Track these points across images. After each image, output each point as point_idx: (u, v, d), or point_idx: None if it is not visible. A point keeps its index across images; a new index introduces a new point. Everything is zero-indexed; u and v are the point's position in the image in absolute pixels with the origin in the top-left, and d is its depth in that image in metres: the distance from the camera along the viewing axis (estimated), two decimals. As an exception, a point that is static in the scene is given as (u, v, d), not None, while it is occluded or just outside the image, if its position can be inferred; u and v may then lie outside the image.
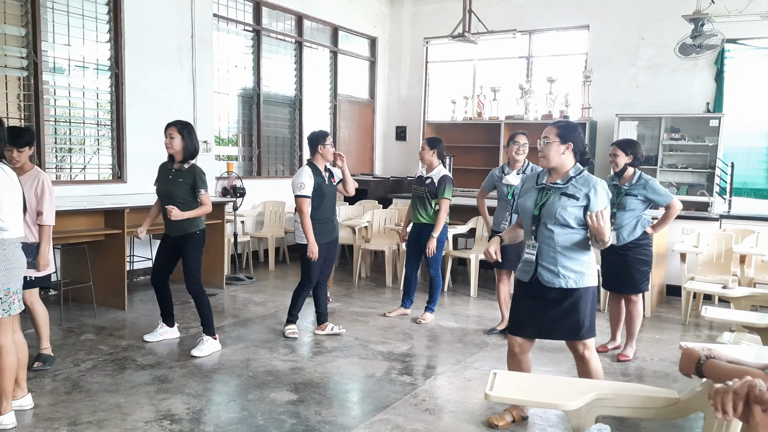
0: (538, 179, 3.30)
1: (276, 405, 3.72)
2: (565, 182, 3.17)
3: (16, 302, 3.22)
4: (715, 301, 6.06)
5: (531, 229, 3.22)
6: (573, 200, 3.12)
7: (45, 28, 6.03)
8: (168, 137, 4.50)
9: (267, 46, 8.61)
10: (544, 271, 3.18)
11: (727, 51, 8.26)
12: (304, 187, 4.80)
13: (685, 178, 8.47)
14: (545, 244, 3.17)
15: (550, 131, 3.20)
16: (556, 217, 3.12)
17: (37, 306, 4.13)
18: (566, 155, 3.18)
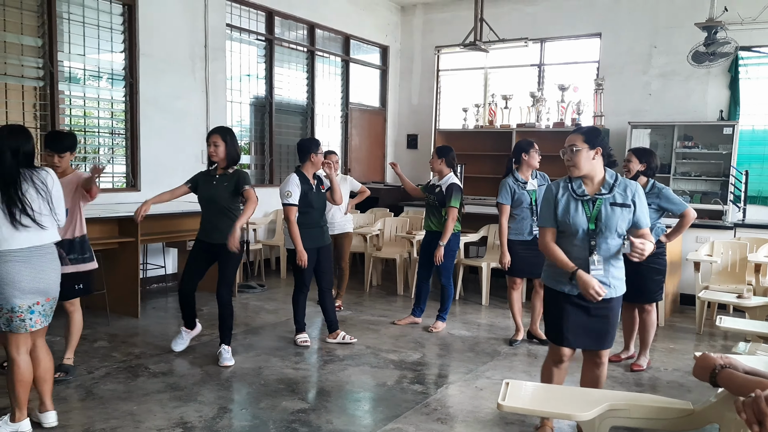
0: (573, 189, 3.12)
1: (287, 413, 3.72)
2: (609, 191, 3.08)
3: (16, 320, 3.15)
4: (730, 311, 5.99)
5: (589, 244, 3.06)
6: (626, 209, 3.06)
7: (61, 39, 6.11)
8: (212, 145, 4.43)
9: (279, 55, 8.67)
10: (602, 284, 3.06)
11: (741, 58, 8.21)
12: (290, 195, 4.85)
13: (699, 186, 8.41)
14: (603, 257, 3.08)
15: (575, 138, 3.10)
16: (616, 230, 3.05)
17: (77, 315, 4.18)
18: (596, 161, 3.09)
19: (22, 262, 3.10)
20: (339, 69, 9.90)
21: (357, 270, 8.26)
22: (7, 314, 3.12)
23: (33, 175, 3.19)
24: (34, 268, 3.14)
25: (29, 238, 3.13)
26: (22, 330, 3.16)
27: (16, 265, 3.08)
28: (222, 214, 4.45)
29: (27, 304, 3.13)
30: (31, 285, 3.13)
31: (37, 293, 3.16)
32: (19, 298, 3.10)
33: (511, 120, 9.53)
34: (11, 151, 3.14)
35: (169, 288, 7.08)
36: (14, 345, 3.19)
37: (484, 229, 7.16)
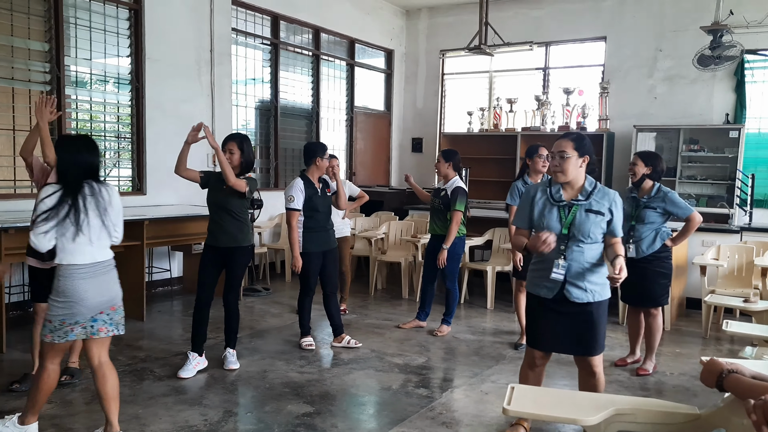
0: (551, 194, 3.16)
1: (292, 417, 3.72)
2: (586, 198, 3.12)
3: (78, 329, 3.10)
4: (736, 315, 5.96)
5: (558, 249, 3.09)
6: (600, 216, 3.10)
7: (68, 44, 6.14)
8: (228, 152, 4.39)
9: (284, 59, 8.69)
10: (574, 288, 3.11)
11: (747, 62, 8.19)
12: (293, 200, 4.87)
13: (705, 189, 8.39)
14: (575, 261, 3.10)
15: (566, 145, 3.10)
16: (589, 236, 3.08)
17: None
18: (582, 168, 3.14)
19: (88, 277, 3.06)
20: (344, 73, 9.92)
21: (362, 273, 8.26)
22: (69, 327, 3.06)
23: (97, 189, 3.14)
24: (99, 284, 3.11)
25: (93, 253, 3.09)
26: (82, 336, 3.11)
27: (81, 281, 3.05)
28: (231, 218, 4.44)
29: (89, 315, 3.10)
30: (97, 299, 3.10)
31: (102, 305, 3.14)
32: (85, 314, 3.08)
33: (516, 123, 9.53)
34: (77, 163, 3.12)
35: (175, 291, 7.10)
36: (53, 354, 3.13)
37: (489, 232, 7.15)
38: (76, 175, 3.10)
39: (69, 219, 3.02)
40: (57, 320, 3.05)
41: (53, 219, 3.00)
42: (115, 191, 3.24)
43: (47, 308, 3.10)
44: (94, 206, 3.09)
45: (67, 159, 3.13)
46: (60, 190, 3.05)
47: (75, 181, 3.08)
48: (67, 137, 3.31)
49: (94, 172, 3.18)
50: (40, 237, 3.00)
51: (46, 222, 2.99)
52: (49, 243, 3.02)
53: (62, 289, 3.04)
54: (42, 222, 2.99)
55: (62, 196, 3.04)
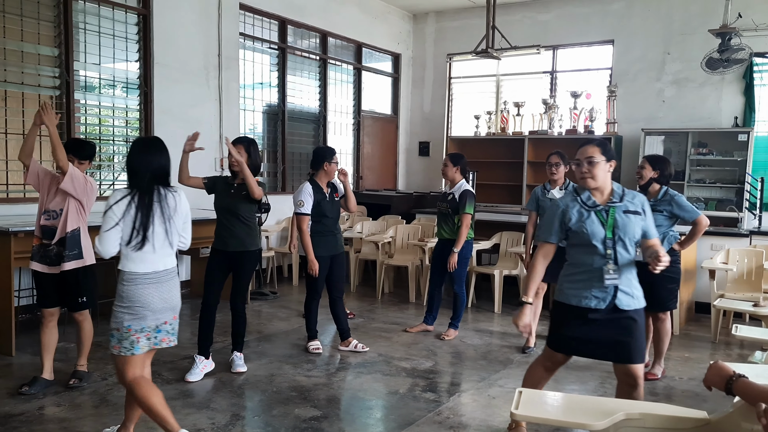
0: (583, 201, 3.07)
1: (300, 421, 3.72)
2: (619, 200, 3.05)
3: (143, 339, 3.01)
4: (746, 319, 5.93)
5: (605, 253, 2.99)
6: (638, 216, 3.03)
7: (77, 49, 6.18)
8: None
9: (292, 63, 8.72)
10: (624, 295, 3.01)
11: (756, 65, 8.15)
12: (303, 204, 4.88)
13: (714, 193, 8.34)
14: (624, 267, 3.01)
15: (593, 150, 3.04)
16: (634, 238, 3.01)
17: (86, 324, 4.22)
18: (609, 173, 3.08)
19: (151, 284, 3.01)
20: (351, 77, 9.94)
21: (369, 277, 8.26)
22: (134, 335, 2.99)
23: (164, 195, 3.08)
24: (162, 291, 3.05)
25: (155, 262, 3.04)
26: (146, 348, 3.03)
27: (146, 287, 2.99)
28: (239, 222, 4.43)
29: (154, 324, 3.03)
30: (161, 306, 3.04)
31: (165, 312, 3.08)
32: (149, 319, 3.01)
33: (524, 127, 9.52)
34: (147, 167, 3.05)
35: (182, 295, 7.09)
36: (132, 367, 3.04)
37: (496, 236, 7.14)
38: (146, 179, 3.03)
39: (135, 226, 2.97)
40: (123, 327, 2.97)
41: (120, 225, 2.94)
42: (182, 197, 3.18)
43: (112, 316, 3.01)
44: (159, 213, 3.03)
45: (137, 162, 3.05)
46: (129, 196, 2.99)
47: (145, 187, 3.02)
48: (139, 140, 3.20)
49: (164, 176, 3.11)
50: (106, 243, 2.93)
51: (115, 228, 2.93)
52: (114, 249, 2.96)
53: (126, 294, 2.98)
54: (110, 228, 2.93)
55: (131, 201, 2.98)
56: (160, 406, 3.04)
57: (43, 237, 4.06)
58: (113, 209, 2.95)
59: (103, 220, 2.95)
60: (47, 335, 4.14)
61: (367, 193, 9.59)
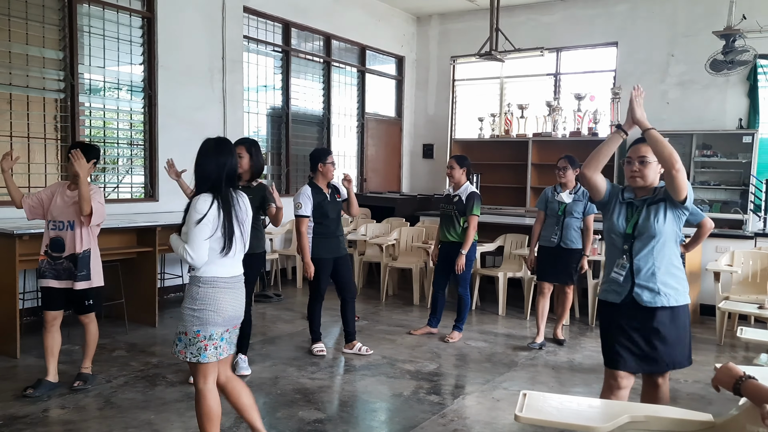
0: (623, 198, 3.04)
1: (304, 423, 3.72)
2: (652, 194, 2.97)
3: (210, 348, 2.90)
4: (751, 322, 5.91)
5: (623, 248, 2.96)
6: (661, 204, 2.93)
7: (81, 52, 6.21)
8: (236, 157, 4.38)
9: (296, 66, 8.74)
10: (645, 291, 2.91)
11: (760, 66, 8.13)
12: (301, 207, 4.89)
13: (718, 195, 8.32)
14: (642, 261, 2.92)
15: (646, 150, 2.97)
16: (657, 231, 2.90)
17: (92, 326, 4.21)
18: (658, 174, 3.01)
19: (229, 288, 2.94)
20: (355, 79, 9.95)
21: (373, 280, 8.26)
22: (203, 342, 2.89)
23: (235, 198, 2.99)
24: (234, 297, 2.98)
25: (234, 266, 2.98)
26: (212, 359, 2.92)
27: (223, 291, 2.91)
28: (255, 224, 4.32)
29: (221, 331, 2.93)
30: (231, 312, 2.96)
31: (232, 320, 2.99)
32: (219, 325, 2.92)
33: (528, 129, 9.51)
34: (222, 170, 2.93)
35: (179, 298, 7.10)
36: (203, 375, 2.94)
37: (500, 238, 7.13)
38: (223, 183, 2.93)
39: (220, 231, 2.88)
40: (191, 332, 2.88)
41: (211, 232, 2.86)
42: (246, 199, 3.11)
43: (181, 318, 2.94)
44: (236, 217, 2.95)
45: (212, 165, 2.93)
46: (215, 201, 2.88)
47: (225, 191, 2.93)
48: (209, 141, 3.03)
49: (234, 178, 3.01)
50: (201, 253, 2.83)
51: (208, 235, 2.84)
52: (206, 256, 2.86)
53: (200, 296, 2.88)
54: (207, 238, 2.84)
55: (218, 207, 2.88)
56: (209, 421, 2.97)
57: (52, 249, 4.02)
58: (208, 217, 2.84)
59: (195, 229, 2.82)
60: (51, 338, 4.13)
61: (371, 196, 9.59)
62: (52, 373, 4.14)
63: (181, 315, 2.94)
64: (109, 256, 5.54)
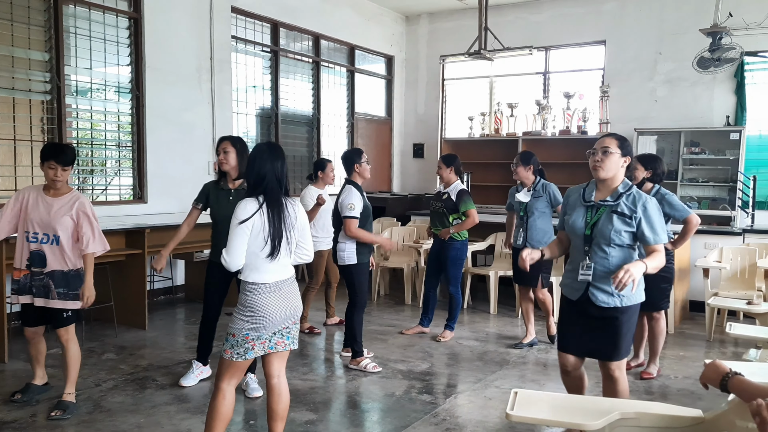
0: (585, 194, 3.15)
1: (296, 425, 3.70)
2: (615, 199, 3.05)
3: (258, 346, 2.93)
4: (740, 317, 5.95)
5: (583, 249, 3.09)
6: (626, 219, 3.01)
7: (68, 53, 6.16)
8: (222, 152, 4.12)
9: (285, 66, 8.71)
10: (599, 292, 3.06)
11: (747, 64, 8.19)
12: (354, 208, 4.66)
13: (707, 192, 8.37)
14: (600, 265, 3.05)
15: (610, 141, 3.06)
16: (610, 239, 3.02)
17: (72, 346, 3.84)
18: (622, 169, 3.09)
19: (275, 293, 2.93)
20: (344, 79, 9.94)
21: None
22: (251, 343, 2.91)
23: (284, 203, 2.97)
24: (284, 298, 2.96)
25: (278, 272, 2.95)
26: (260, 353, 2.95)
27: (270, 297, 2.91)
28: None
29: (273, 331, 2.95)
30: (282, 314, 2.95)
31: (287, 319, 2.99)
32: (269, 329, 2.93)
33: (517, 128, 9.53)
34: (274, 174, 2.92)
35: (177, 300, 7.09)
36: (230, 374, 2.96)
37: (491, 237, 7.15)
38: (274, 187, 2.92)
39: (263, 236, 2.88)
40: (241, 334, 2.89)
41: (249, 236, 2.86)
42: (300, 208, 3.08)
43: (231, 321, 2.93)
44: (284, 222, 2.94)
45: (265, 169, 2.92)
46: (259, 206, 2.89)
47: (275, 196, 2.92)
48: (262, 145, 3.01)
49: (283, 183, 2.99)
50: (237, 257, 2.85)
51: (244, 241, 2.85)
52: (242, 262, 2.88)
53: (249, 304, 2.90)
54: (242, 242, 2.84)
55: (262, 212, 2.88)
56: (220, 422, 2.96)
57: (34, 264, 3.70)
58: (247, 224, 2.85)
59: (234, 232, 2.84)
60: (34, 349, 3.95)
61: (362, 196, 9.56)
62: (39, 376, 4.04)
63: (232, 317, 2.95)
64: (98, 258, 5.46)
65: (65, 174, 3.72)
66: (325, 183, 5.66)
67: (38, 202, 3.72)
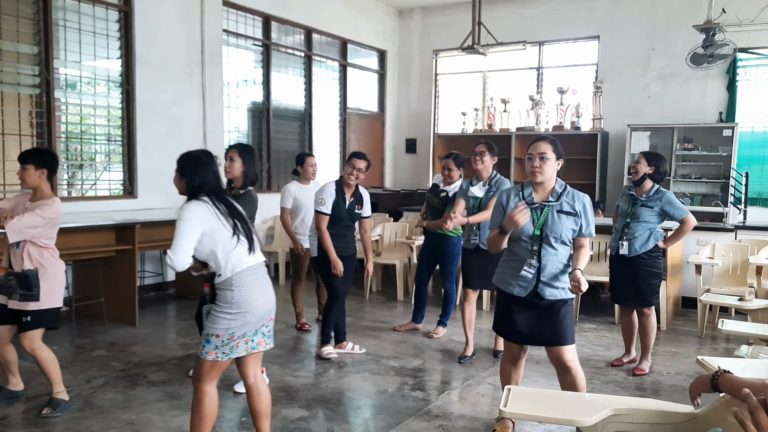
0: (524, 197, 3.24)
1: (288, 421, 3.68)
2: (556, 199, 3.21)
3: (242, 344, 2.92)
4: (732, 314, 5.96)
5: (531, 249, 3.20)
6: (571, 217, 3.20)
7: (57, 46, 6.09)
8: (228, 160, 4.16)
9: (276, 60, 8.66)
10: (547, 287, 3.20)
11: (740, 60, 8.20)
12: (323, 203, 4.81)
13: (699, 188, 8.39)
14: (549, 262, 3.19)
15: (546, 147, 3.19)
16: (561, 237, 3.18)
17: (40, 353, 3.70)
18: (555, 171, 3.24)
19: (256, 281, 2.94)
20: (337, 74, 9.89)
21: (357, 276, 8.21)
22: (236, 341, 2.90)
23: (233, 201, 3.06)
24: (265, 289, 2.99)
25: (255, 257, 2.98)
26: (243, 353, 2.94)
27: (253, 288, 2.91)
28: None
29: (255, 328, 2.95)
30: (264, 308, 2.96)
31: (267, 314, 3.01)
32: (253, 325, 2.94)
33: (511, 123, 9.51)
34: (213, 177, 2.98)
35: (167, 296, 7.04)
36: (211, 375, 2.94)
37: (483, 233, 7.12)
38: (216, 188, 2.98)
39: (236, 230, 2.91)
40: (226, 334, 2.87)
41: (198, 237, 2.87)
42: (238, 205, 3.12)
43: (211, 322, 2.90)
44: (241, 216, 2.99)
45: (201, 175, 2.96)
46: (207, 205, 2.90)
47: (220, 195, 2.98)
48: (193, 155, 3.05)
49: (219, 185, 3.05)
50: (181, 256, 2.83)
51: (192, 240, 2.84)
52: (188, 261, 2.86)
53: (235, 300, 2.87)
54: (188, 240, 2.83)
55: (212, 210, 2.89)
56: (206, 423, 2.96)
57: (9, 264, 3.70)
58: (195, 224, 2.84)
59: (179, 231, 2.83)
60: (2, 354, 3.83)
61: (354, 191, 9.53)
62: (12, 383, 3.91)
63: (212, 318, 2.90)
64: (88, 254, 5.46)
65: (25, 173, 3.66)
66: (306, 178, 5.63)
67: (22, 208, 3.70)
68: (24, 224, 3.56)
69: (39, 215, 3.59)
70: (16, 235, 3.56)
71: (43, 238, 3.67)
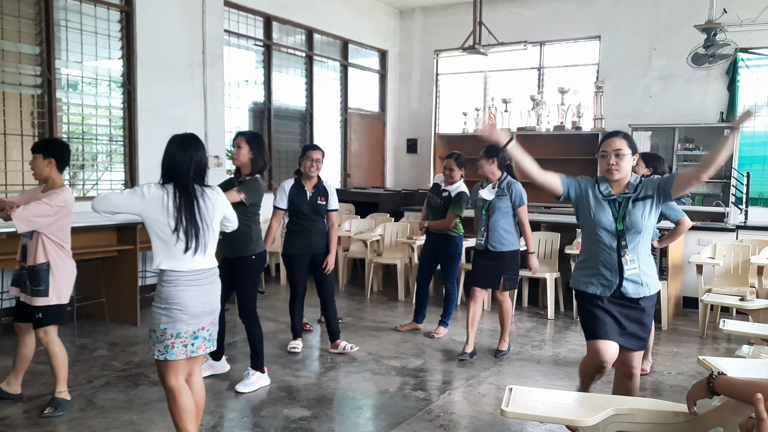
0: (600, 191, 3.10)
1: (289, 421, 3.69)
2: (633, 191, 3.06)
3: (178, 346, 2.87)
4: (733, 314, 5.96)
5: (613, 245, 3.04)
6: (648, 201, 3.03)
7: (58, 46, 6.10)
8: (236, 146, 4.13)
9: (277, 60, 8.66)
10: (630, 284, 3.04)
11: (741, 60, 8.20)
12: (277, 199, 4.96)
13: (700, 188, 8.38)
14: (630, 257, 3.04)
15: (621, 143, 3.05)
16: (643, 227, 3.02)
17: (53, 347, 3.72)
18: (631, 166, 3.11)
19: (192, 285, 2.89)
20: (338, 74, 9.90)
21: (357, 276, 8.23)
22: (169, 340, 2.86)
23: (203, 193, 2.97)
24: (202, 293, 2.92)
25: (197, 261, 2.91)
26: (181, 356, 2.89)
27: (186, 289, 2.87)
28: (243, 224, 3.86)
29: (192, 330, 2.90)
30: (200, 309, 2.91)
31: (205, 316, 2.95)
32: (189, 323, 2.88)
33: (512, 123, 9.51)
34: (186, 165, 2.92)
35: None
36: (172, 372, 2.92)
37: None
38: (186, 176, 2.93)
39: (181, 225, 2.86)
40: (159, 329, 2.86)
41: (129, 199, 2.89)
42: (217, 193, 3.07)
43: (152, 316, 2.90)
44: (200, 212, 2.92)
45: (175, 159, 2.94)
46: (165, 191, 2.88)
47: (185, 187, 2.92)
48: (174, 137, 3.03)
49: (202, 173, 3.00)
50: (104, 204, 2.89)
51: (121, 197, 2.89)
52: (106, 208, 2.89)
53: (165, 295, 2.87)
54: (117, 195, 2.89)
55: (167, 197, 2.87)
56: (185, 419, 2.95)
57: (22, 257, 3.72)
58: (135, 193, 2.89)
59: (122, 193, 2.93)
60: (21, 348, 3.86)
61: (355, 191, 9.55)
62: (10, 383, 3.89)
63: (151, 313, 2.92)
64: (90, 254, 5.46)
65: (34, 163, 3.71)
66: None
67: (33, 196, 3.73)
68: (31, 213, 3.52)
69: (47, 203, 3.57)
70: (24, 224, 3.52)
71: (55, 229, 3.65)
